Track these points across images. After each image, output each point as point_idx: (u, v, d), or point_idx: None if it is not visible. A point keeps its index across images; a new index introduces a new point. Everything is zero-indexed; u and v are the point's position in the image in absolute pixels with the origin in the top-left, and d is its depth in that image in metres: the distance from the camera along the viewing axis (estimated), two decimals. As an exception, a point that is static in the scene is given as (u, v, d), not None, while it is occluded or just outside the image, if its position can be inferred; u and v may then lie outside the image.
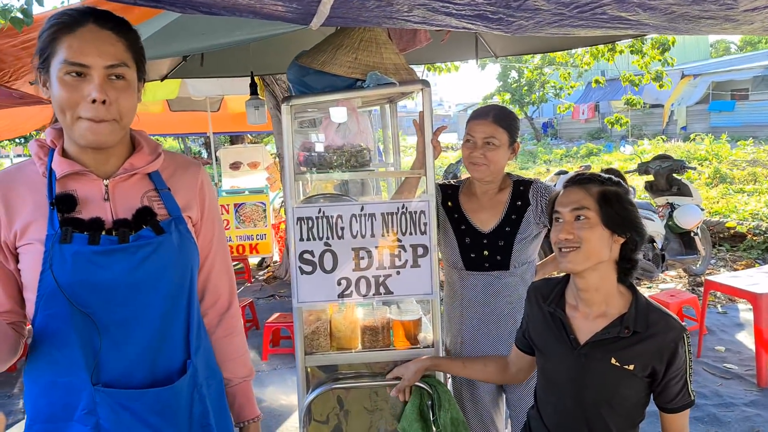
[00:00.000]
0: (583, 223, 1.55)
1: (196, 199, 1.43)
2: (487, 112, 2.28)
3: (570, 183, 1.64)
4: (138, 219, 1.30)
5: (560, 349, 1.63)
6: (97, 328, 1.24)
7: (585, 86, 22.56)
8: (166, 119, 7.82)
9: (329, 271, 2.20)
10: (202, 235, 1.46)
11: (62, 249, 1.22)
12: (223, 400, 1.50)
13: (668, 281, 6.54)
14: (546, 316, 1.69)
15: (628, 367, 1.54)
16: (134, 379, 1.29)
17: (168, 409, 1.31)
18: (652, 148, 16.81)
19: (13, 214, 1.27)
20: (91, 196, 1.30)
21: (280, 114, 2.20)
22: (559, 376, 1.64)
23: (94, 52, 1.21)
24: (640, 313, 1.56)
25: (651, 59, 8.72)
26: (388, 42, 2.29)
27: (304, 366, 2.25)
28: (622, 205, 1.56)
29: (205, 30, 2.37)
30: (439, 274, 2.25)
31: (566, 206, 1.58)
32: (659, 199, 6.32)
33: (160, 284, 1.30)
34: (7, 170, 1.33)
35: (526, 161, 19.89)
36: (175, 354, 1.35)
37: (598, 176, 1.63)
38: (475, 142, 2.25)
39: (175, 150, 19.93)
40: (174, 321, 1.34)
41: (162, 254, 1.30)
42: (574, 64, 11.71)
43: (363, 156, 2.28)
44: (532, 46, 4.17)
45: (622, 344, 1.55)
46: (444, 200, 2.41)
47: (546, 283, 1.76)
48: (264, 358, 4.84)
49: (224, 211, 7.01)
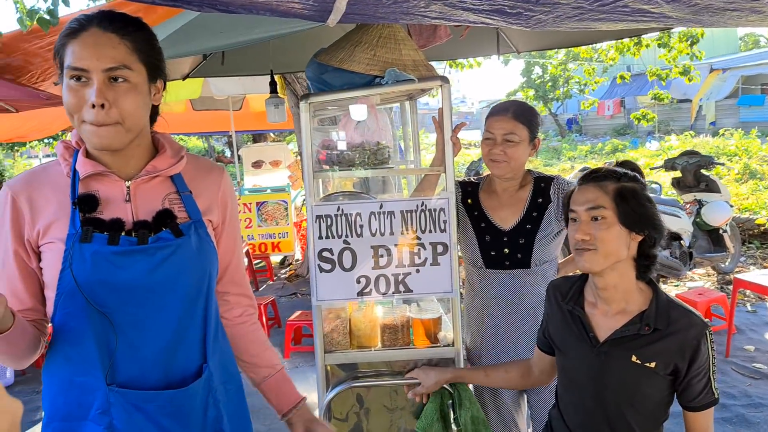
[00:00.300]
0: (600, 224, 1.52)
1: (217, 202, 1.44)
2: (506, 108, 2.24)
3: (585, 180, 1.60)
4: (158, 221, 1.30)
5: (580, 348, 1.61)
6: (113, 328, 1.25)
7: (610, 82, 22.27)
8: (189, 118, 7.88)
9: (348, 269, 2.19)
10: (224, 238, 1.47)
11: (82, 248, 1.24)
12: (241, 404, 1.49)
13: (696, 279, 6.42)
14: (565, 314, 1.67)
15: (650, 365, 1.51)
16: (149, 380, 1.29)
17: (181, 412, 1.31)
18: (680, 143, 16.53)
19: (36, 214, 1.29)
20: (112, 197, 1.31)
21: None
22: (579, 375, 1.62)
23: (92, 55, 1.21)
24: (660, 309, 1.52)
25: (678, 53, 8.56)
26: (407, 38, 2.27)
27: (324, 364, 2.25)
28: (639, 201, 1.53)
29: (224, 28, 2.38)
30: (459, 272, 2.23)
31: (582, 205, 1.55)
32: (686, 196, 6.21)
33: (178, 287, 1.31)
34: (34, 170, 1.36)
35: (550, 158, 19.71)
36: (191, 357, 1.35)
37: (614, 172, 1.58)
38: (495, 138, 2.22)
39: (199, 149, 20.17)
40: (190, 324, 1.34)
41: (180, 257, 1.30)
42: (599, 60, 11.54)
43: (382, 153, 2.27)
44: (554, 41, 4.12)
45: (643, 342, 1.52)
46: (464, 197, 2.38)
47: (565, 282, 1.73)
48: (286, 356, 4.86)
49: (246, 210, 7.05)
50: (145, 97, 1.29)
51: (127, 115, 1.24)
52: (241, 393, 1.50)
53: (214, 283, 1.41)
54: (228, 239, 1.48)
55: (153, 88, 1.32)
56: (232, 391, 1.46)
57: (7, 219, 1.30)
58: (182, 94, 6.21)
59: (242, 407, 1.50)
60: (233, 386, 1.47)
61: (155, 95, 1.34)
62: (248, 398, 1.56)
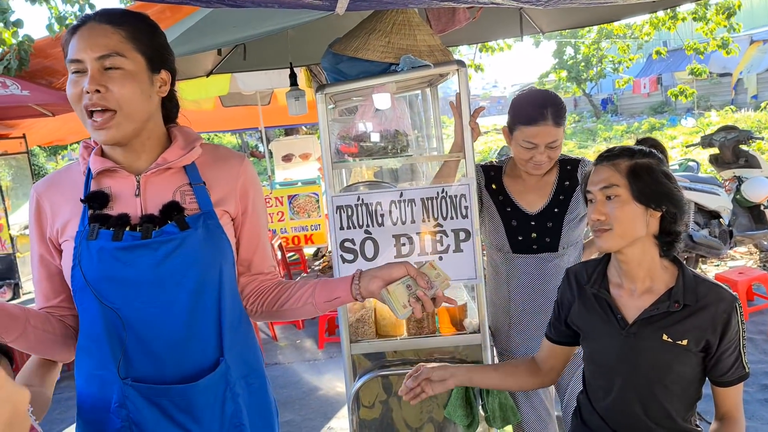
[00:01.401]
0: (613, 202, 1.49)
1: (236, 192, 1.40)
2: (542, 113, 2.09)
3: (599, 160, 1.57)
4: (165, 214, 1.29)
5: (607, 331, 1.57)
6: (122, 324, 1.26)
7: (646, 59, 21.69)
8: (219, 115, 7.96)
9: (371, 258, 2.19)
10: (248, 227, 1.43)
11: (89, 245, 1.25)
12: (264, 399, 1.47)
13: (737, 258, 6.24)
14: (589, 298, 1.63)
15: (681, 343, 1.47)
16: (163, 374, 1.29)
17: (195, 407, 1.30)
18: (721, 119, 16.04)
19: (56, 213, 1.32)
20: (122, 192, 1.32)
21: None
22: (608, 358, 1.58)
23: (86, 46, 1.23)
24: (688, 285, 1.49)
25: (716, 26, 8.29)
26: (421, 24, 2.25)
27: (350, 354, 2.26)
28: (653, 177, 1.48)
29: (237, 23, 2.38)
30: (482, 257, 2.21)
31: (596, 185, 1.52)
32: (725, 173, 6.03)
33: (185, 280, 1.29)
34: (59, 170, 1.40)
35: (585, 139, 19.37)
36: (206, 350, 1.33)
37: (628, 149, 1.55)
38: (538, 147, 2.12)
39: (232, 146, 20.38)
40: (202, 318, 1.32)
41: (186, 250, 1.28)
42: (633, 36, 11.25)
43: (400, 141, 2.25)
44: (581, 19, 4.02)
45: (673, 319, 1.48)
46: (487, 183, 2.34)
47: (584, 267, 1.69)
48: (320, 347, 4.90)
49: (278, 203, 7.11)
50: (144, 86, 1.27)
51: (123, 101, 1.23)
52: (264, 388, 1.47)
53: (229, 274, 1.38)
54: (252, 228, 1.45)
55: (156, 79, 1.31)
56: (254, 386, 1.43)
57: (33, 218, 1.35)
58: (211, 91, 6.26)
59: (265, 402, 1.47)
60: (256, 381, 1.44)
61: (161, 87, 1.33)
62: (284, 390, 1.53)
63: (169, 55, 1.36)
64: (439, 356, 2.26)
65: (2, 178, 7.95)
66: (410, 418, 2.30)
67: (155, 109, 1.34)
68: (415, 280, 1.33)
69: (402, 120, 2.28)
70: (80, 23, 1.26)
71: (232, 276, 1.39)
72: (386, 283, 1.33)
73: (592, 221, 1.53)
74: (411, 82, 2.64)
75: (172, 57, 1.38)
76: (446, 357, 2.26)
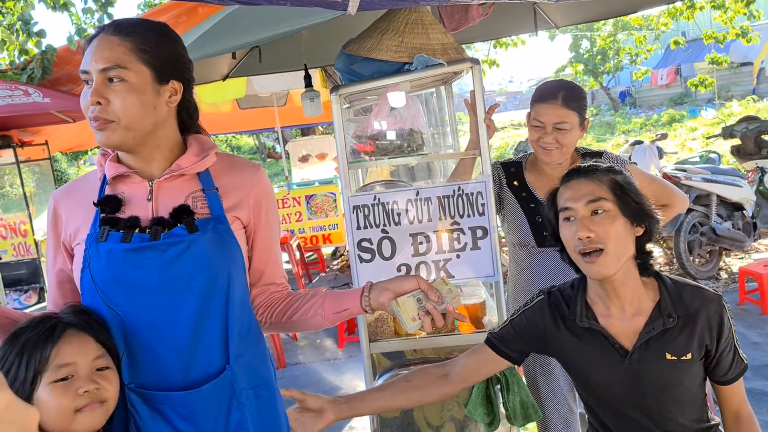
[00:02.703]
0: (602, 217, 1.41)
1: (249, 200, 1.40)
2: (554, 93, 2.13)
3: (572, 175, 1.49)
4: (175, 217, 1.29)
5: (607, 362, 1.50)
6: (125, 328, 1.26)
7: (664, 50, 21.43)
8: (237, 117, 8.04)
9: (388, 258, 2.20)
10: (260, 240, 1.42)
11: (99, 247, 1.26)
12: (273, 412, 1.42)
13: (762, 250, 6.14)
14: (576, 333, 1.53)
15: (686, 357, 1.44)
16: (168, 381, 1.28)
17: (197, 415, 1.28)
18: (743, 109, 15.79)
19: (70, 218, 1.35)
20: (135, 196, 1.33)
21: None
22: (613, 390, 1.51)
23: (92, 58, 1.25)
24: (673, 295, 1.45)
25: (735, 14, 8.17)
26: (434, 22, 2.25)
27: (369, 353, 2.27)
28: (635, 191, 1.44)
29: (251, 26, 2.40)
30: (500, 255, 2.20)
31: (579, 200, 1.43)
32: (747, 164, 5.95)
33: (193, 283, 1.27)
34: (78, 178, 1.43)
35: (603, 133, 19.20)
36: (211, 358, 1.31)
37: (598, 165, 1.49)
38: (545, 127, 2.13)
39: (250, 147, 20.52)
40: (208, 323, 1.30)
41: (194, 253, 1.27)
42: (650, 27, 11.13)
43: (415, 140, 2.26)
44: (594, 12, 3.98)
45: (671, 335, 1.44)
46: (509, 180, 2.32)
47: (560, 295, 1.58)
48: (340, 346, 4.92)
49: (296, 204, 7.15)
50: (147, 98, 1.27)
51: (122, 113, 1.24)
52: (273, 401, 1.42)
53: (239, 280, 1.35)
54: (264, 239, 1.43)
55: (164, 90, 1.31)
56: (263, 398, 1.39)
57: (50, 224, 1.38)
58: (228, 94, 6.31)
59: (274, 416, 1.42)
60: (266, 393, 1.40)
61: (170, 97, 1.32)
62: (305, 389, 1.50)
63: (182, 65, 1.35)
64: (458, 354, 2.25)
65: (26, 184, 8.08)
66: (431, 417, 2.30)
67: (164, 119, 1.32)
68: (426, 293, 1.32)
69: (417, 118, 2.28)
70: (95, 34, 1.28)
71: (242, 282, 1.37)
72: (397, 296, 1.33)
73: (578, 241, 1.42)
74: (425, 81, 2.64)
75: (187, 66, 1.37)
76: (466, 355, 2.25)
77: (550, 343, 1.59)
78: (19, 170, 7.75)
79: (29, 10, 5.66)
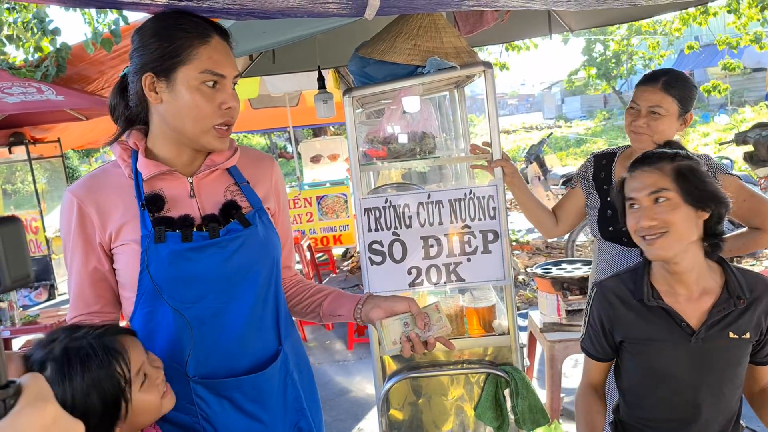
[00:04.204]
0: (664, 206, 1.45)
1: (272, 190, 1.47)
2: (656, 77, 2.10)
3: (637, 164, 1.53)
4: (224, 213, 1.33)
5: (673, 340, 1.52)
6: (189, 323, 1.29)
7: (677, 54, 21.32)
8: (249, 117, 8.05)
9: (399, 260, 2.20)
10: (280, 224, 1.48)
11: (158, 248, 1.27)
12: (312, 388, 1.52)
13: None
14: (641, 312, 1.56)
15: (745, 336, 1.49)
16: (230, 368, 1.33)
17: (264, 395, 1.36)
18: (756, 115, 15.66)
19: (105, 217, 1.30)
20: (177, 194, 1.34)
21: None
22: (676, 368, 1.54)
23: (228, 62, 1.28)
24: (739, 279, 1.50)
25: (749, 19, 8.12)
26: (447, 26, 2.25)
27: (380, 356, 2.27)
28: (699, 177, 1.46)
29: (266, 28, 2.41)
30: (511, 258, 2.20)
31: (641, 191, 1.48)
32: (761, 171, 5.91)
33: (250, 275, 1.34)
34: (93, 174, 1.36)
35: (615, 137, 19.12)
36: (267, 342, 1.39)
37: (664, 153, 1.52)
38: (639, 109, 2.09)
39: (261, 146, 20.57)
40: (264, 310, 1.38)
41: (250, 246, 1.34)
42: (663, 32, 11.09)
43: (427, 144, 2.26)
44: (610, 17, 3.96)
45: (734, 315, 1.49)
46: (596, 171, 2.29)
47: (619, 281, 1.62)
48: (350, 348, 4.92)
49: (307, 204, 7.16)
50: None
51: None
52: (311, 377, 1.53)
53: (279, 266, 1.44)
54: (283, 223, 1.51)
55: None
56: (304, 373, 1.49)
57: (74, 224, 1.31)
58: (242, 94, 6.33)
59: (314, 391, 1.53)
60: (305, 371, 1.50)
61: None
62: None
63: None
64: (468, 358, 2.26)
65: (37, 181, 8.14)
66: (439, 420, 2.30)
67: None
68: (414, 318, 1.33)
69: (429, 122, 2.28)
70: (207, 34, 1.27)
71: (280, 268, 1.46)
72: (387, 315, 1.35)
73: (640, 228, 1.48)
74: (438, 84, 2.64)
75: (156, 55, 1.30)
76: (475, 358, 2.26)
77: (616, 328, 1.61)
78: (31, 167, 7.79)
79: (44, 7, 5.70)
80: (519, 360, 2.25)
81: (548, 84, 41.26)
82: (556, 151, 17.08)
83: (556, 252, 7.12)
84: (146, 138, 1.36)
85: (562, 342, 2.93)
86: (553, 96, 39.47)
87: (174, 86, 1.26)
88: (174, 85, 1.26)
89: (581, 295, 3.00)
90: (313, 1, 1.35)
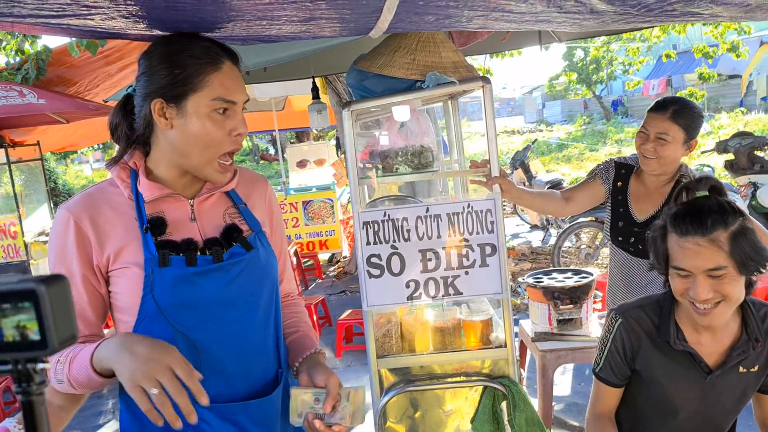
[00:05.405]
0: (722, 281, 1.38)
1: (267, 212, 1.46)
2: (666, 106, 2.28)
3: (689, 228, 1.39)
4: (226, 236, 1.33)
5: (690, 378, 1.54)
6: (196, 347, 1.27)
7: (655, 61, 21.63)
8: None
9: (397, 273, 2.21)
10: (274, 245, 1.46)
11: (162, 272, 1.24)
12: None
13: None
14: (666, 350, 1.55)
15: (753, 370, 1.53)
16: (233, 392, 1.32)
17: (268, 419, 1.36)
18: (732, 121, 15.95)
19: (103, 238, 1.26)
20: (178, 217, 1.32)
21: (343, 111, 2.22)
22: (688, 402, 1.57)
23: (239, 88, 1.27)
24: (756, 317, 1.51)
25: (726, 28, 8.29)
26: (446, 40, 2.26)
27: (377, 369, 2.27)
28: (753, 246, 1.38)
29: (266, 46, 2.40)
30: (508, 272, 2.22)
31: (697, 268, 1.38)
32: (740, 179, 6.01)
33: (254, 298, 1.34)
34: (89, 192, 1.32)
35: (595, 142, 19.32)
36: (268, 365, 1.39)
37: (713, 211, 1.39)
38: (648, 134, 2.28)
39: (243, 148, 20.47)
40: (266, 333, 1.38)
41: (253, 269, 1.34)
42: (642, 39, 11.25)
43: (425, 157, 2.27)
44: (597, 30, 4.03)
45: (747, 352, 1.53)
46: (615, 179, 2.47)
47: (643, 313, 1.58)
48: (338, 355, 4.91)
49: (293, 209, 7.14)
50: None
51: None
52: None
53: (278, 290, 1.44)
54: (276, 245, 1.48)
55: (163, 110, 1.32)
56: None
57: (72, 243, 1.26)
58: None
59: None
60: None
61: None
62: None
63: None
64: (465, 370, 2.27)
65: (15, 183, 7.97)
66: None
67: None
68: (325, 399, 1.28)
69: (427, 135, 2.29)
70: (219, 60, 1.25)
71: (279, 291, 1.46)
72: (307, 384, 1.32)
73: (698, 301, 1.40)
74: (433, 97, 2.65)
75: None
76: (472, 371, 2.27)
77: (641, 359, 1.60)
78: (10, 170, 7.63)
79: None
80: (515, 373, 2.26)
81: (529, 88, 41.63)
82: (538, 155, 17.23)
83: (542, 258, 7.17)
84: (145, 158, 1.33)
85: (554, 351, 2.96)
86: (534, 100, 39.83)
87: (184, 113, 1.24)
88: (184, 112, 1.24)
89: (572, 304, 3.03)
90: (321, 27, 1.36)
